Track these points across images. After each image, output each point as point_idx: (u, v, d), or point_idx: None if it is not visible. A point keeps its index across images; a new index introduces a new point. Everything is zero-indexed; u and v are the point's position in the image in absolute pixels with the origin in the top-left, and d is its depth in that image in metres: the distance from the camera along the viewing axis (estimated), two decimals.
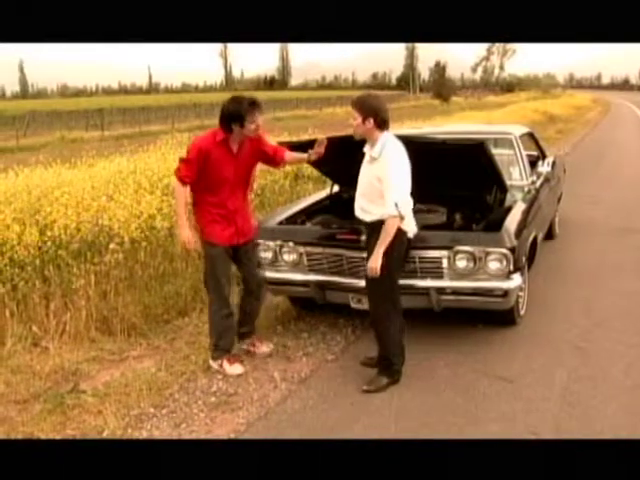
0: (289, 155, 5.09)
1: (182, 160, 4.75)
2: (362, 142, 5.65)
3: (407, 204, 4.40)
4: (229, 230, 4.83)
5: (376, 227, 4.38)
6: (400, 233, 4.38)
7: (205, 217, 4.82)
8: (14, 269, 5.64)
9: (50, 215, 6.07)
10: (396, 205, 4.24)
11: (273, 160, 5.03)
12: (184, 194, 4.76)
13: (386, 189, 4.30)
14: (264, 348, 5.21)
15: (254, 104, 4.63)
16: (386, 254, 4.33)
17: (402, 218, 4.30)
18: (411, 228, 4.57)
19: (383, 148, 4.38)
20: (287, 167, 10.31)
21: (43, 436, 3.99)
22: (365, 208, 4.51)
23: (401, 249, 4.50)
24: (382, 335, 4.59)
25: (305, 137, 10.21)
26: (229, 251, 4.88)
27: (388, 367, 4.60)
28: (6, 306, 5.40)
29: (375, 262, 4.30)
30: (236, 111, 4.60)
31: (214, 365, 4.90)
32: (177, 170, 4.75)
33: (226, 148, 4.71)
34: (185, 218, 4.79)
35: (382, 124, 4.38)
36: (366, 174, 4.53)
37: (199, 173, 4.67)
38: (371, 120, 4.36)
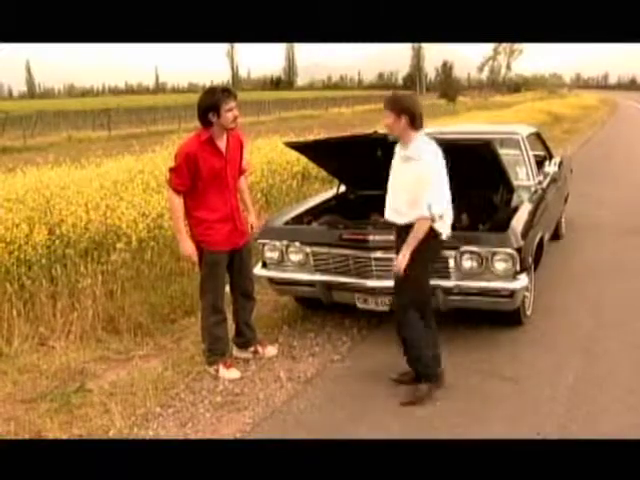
0: (243, 181, 5.01)
1: (171, 169, 4.63)
2: (368, 142, 5.69)
3: (444, 206, 4.23)
4: (227, 230, 4.72)
5: (409, 230, 4.23)
6: (432, 238, 4.23)
7: (202, 224, 4.68)
8: (21, 268, 5.66)
9: (59, 214, 6.09)
10: (429, 207, 4.11)
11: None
12: (181, 205, 4.63)
13: (423, 190, 4.14)
14: (270, 351, 5.15)
15: (228, 91, 4.55)
16: (415, 257, 4.18)
17: (433, 220, 4.15)
18: (444, 231, 4.32)
19: (420, 149, 4.21)
20: (295, 167, 10.45)
21: (50, 435, 4.01)
22: (400, 210, 4.31)
23: (431, 254, 4.36)
24: (410, 344, 4.42)
25: (311, 137, 10.21)
26: (227, 257, 4.77)
27: (422, 374, 4.44)
28: (13, 305, 5.41)
29: (402, 263, 4.18)
30: (211, 101, 4.50)
31: (210, 370, 4.84)
32: (169, 181, 4.64)
33: (213, 147, 4.59)
34: (184, 230, 4.69)
35: (415, 123, 4.20)
36: (401, 174, 4.32)
37: (192, 179, 4.55)
38: (403, 119, 4.18)
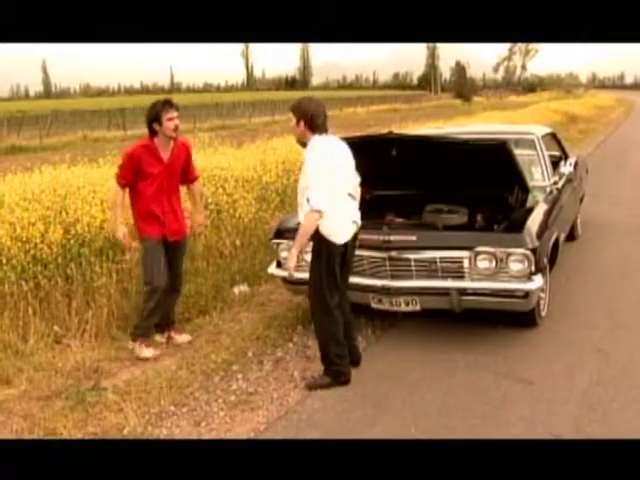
0: (196, 187, 5.57)
1: (119, 167, 5.19)
2: (383, 143, 5.68)
3: (325, 203, 4.30)
4: (157, 224, 5.12)
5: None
6: (327, 242, 4.42)
7: (139, 215, 5.17)
8: (37, 267, 5.69)
9: (75, 213, 6.11)
10: (308, 201, 4.29)
11: (186, 178, 5.40)
12: (120, 196, 5.13)
13: (306, 186, 4.39)
14: (182, 338, 5.42)
15: (169, 103, 5.06)
16: (315, 259, 4.50)
17: (318, 212, 4.27)
18: (340, 238, 4.46)
19: (310, 149, 4.44)
20: None
21: (65, 433, 4.03)
22: (299, 208, 4.58)
23: (330, 258, 4.46)
24: (317, 333, 4.69)
25: None
26: (161, 245, 5.14)
27: (328, 367, 4.63)
28: (29, 304, 5.44)
29: (290, 262, 4.45)
30: (153, 112, 5.02)
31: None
32: (115, 175, 5.18)
33: (153, 153, 5.06)
34: (119, 219, 5.14)
35: (313, 127, 4.43)
36: (301, 174, 4.65)
37: (135, 176, 5.05)
38: (302, 122, 4.43)
